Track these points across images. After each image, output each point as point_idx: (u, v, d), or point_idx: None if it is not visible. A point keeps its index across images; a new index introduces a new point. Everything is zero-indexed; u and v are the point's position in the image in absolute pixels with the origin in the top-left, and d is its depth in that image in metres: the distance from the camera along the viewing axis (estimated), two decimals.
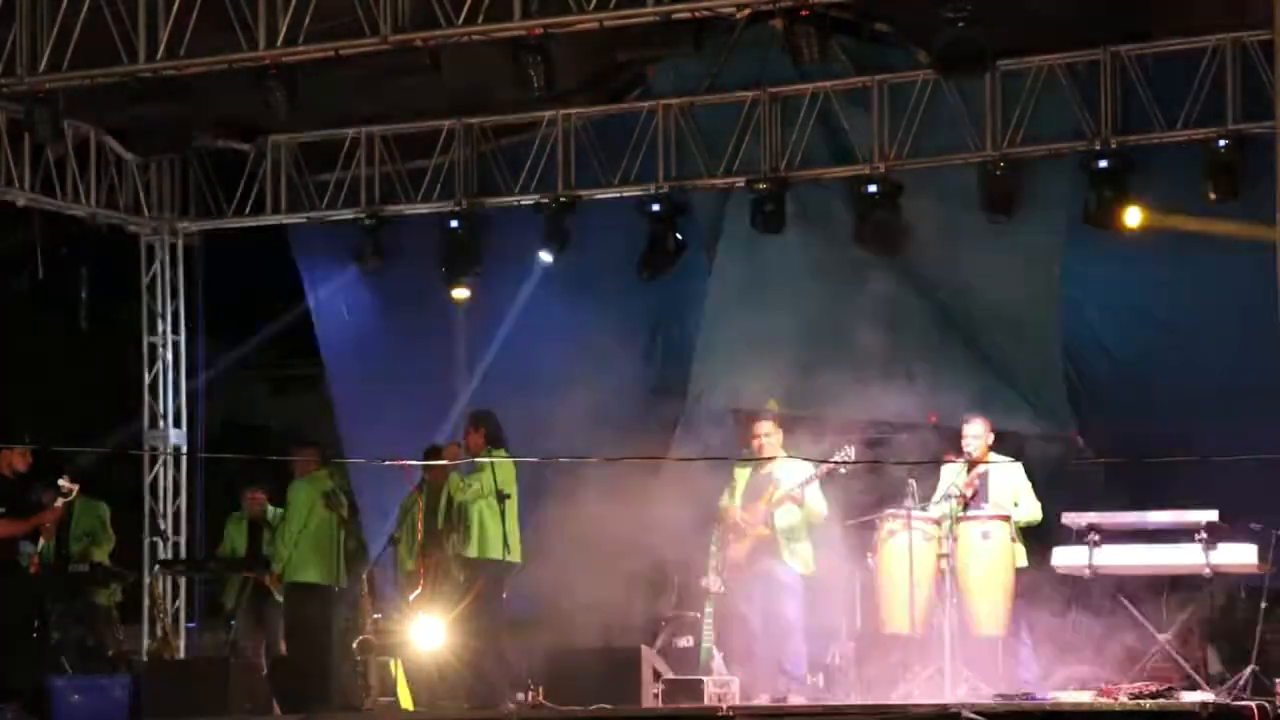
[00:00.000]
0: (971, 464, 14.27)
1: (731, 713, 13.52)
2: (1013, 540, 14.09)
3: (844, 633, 15.15)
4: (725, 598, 14.68)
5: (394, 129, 17.50)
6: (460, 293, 17.51)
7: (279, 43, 14.25)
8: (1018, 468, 14.38)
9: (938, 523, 14.18)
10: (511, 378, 17.40)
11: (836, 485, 14.51)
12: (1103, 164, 15.43)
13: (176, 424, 18.45)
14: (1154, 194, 15.53)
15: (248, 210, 18.10)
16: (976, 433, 14.36)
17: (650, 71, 16.85)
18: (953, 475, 14.34)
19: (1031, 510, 14.29)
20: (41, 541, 15.33)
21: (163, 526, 18.07)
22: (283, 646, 15.84)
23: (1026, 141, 15.77)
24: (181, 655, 17.11)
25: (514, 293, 17.58)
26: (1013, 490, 14.30)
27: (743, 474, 14.58)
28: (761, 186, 16.41)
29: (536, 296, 17.50)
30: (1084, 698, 13.00)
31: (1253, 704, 12.22)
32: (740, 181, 16.62)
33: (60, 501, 15.25)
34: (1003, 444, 14.77)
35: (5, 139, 16.63)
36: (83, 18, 14.62)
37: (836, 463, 14.11)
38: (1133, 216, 15.53)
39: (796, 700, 14.00)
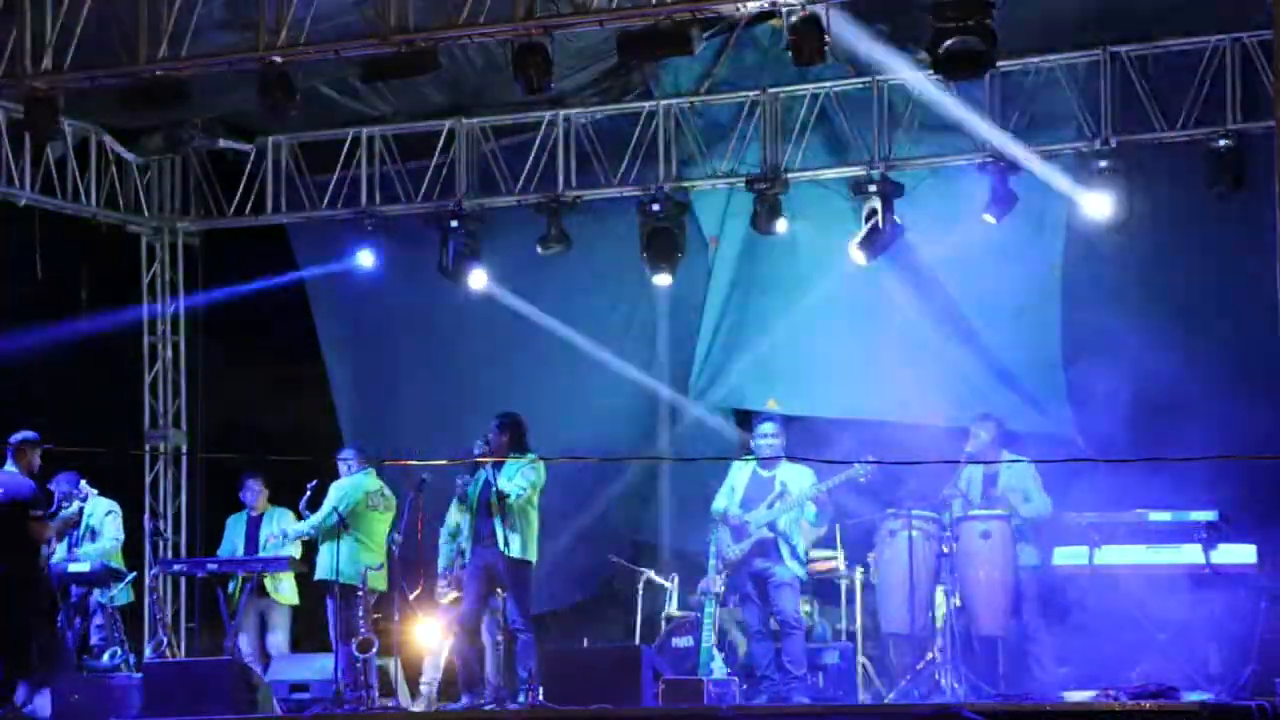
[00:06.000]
0: (982, 463, 14.33)
1: (732, 713, 13.53)
2: (1019, 540, 14.15)
3: (844, 633, 15.16)
4: (725, 598, 14.69)
5: (394, 129, 17.48)
6: (460, 293, 17.48)
7: (279, 43, 14.24)
8: (1028, 465, 14.41)
9: (938, 522, 14.19)
10: (511, 378, 17.40)
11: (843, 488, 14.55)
12: (1103, 164, 15.44)
13: (176, 424, 18.44)
14: (1154, 193, 15.53)
15: (248, 210, 18.08)
16: (986, 432, 14.45)
17: (650, 72, 16.82)
18: (966, 475, 14.38)
19: (1042, 506, 14.34)
20: (52, 541, 15.35)
21: (163, 526, 18.05)
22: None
23: (1026, 141, 15.76)
24: (181, 655, 17.09)
25: (514, 293, 17.55)
26: (1023, 487, 14.34)
27: (742, 475, 14.57)
28: (761, 186, 16.40)
29: (537, 297, 17.48)
30: (1084, 698, 13.01)
31: (1253, 704, 12.22)
32: (740, 181, 16.62)
33: (75, 504, 15.33)
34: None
35: (5, 139, 16.61)
36: (83, 18, 14.61)
37: (845, 476, 14.14)
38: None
39: (798, 700, 14.02)
